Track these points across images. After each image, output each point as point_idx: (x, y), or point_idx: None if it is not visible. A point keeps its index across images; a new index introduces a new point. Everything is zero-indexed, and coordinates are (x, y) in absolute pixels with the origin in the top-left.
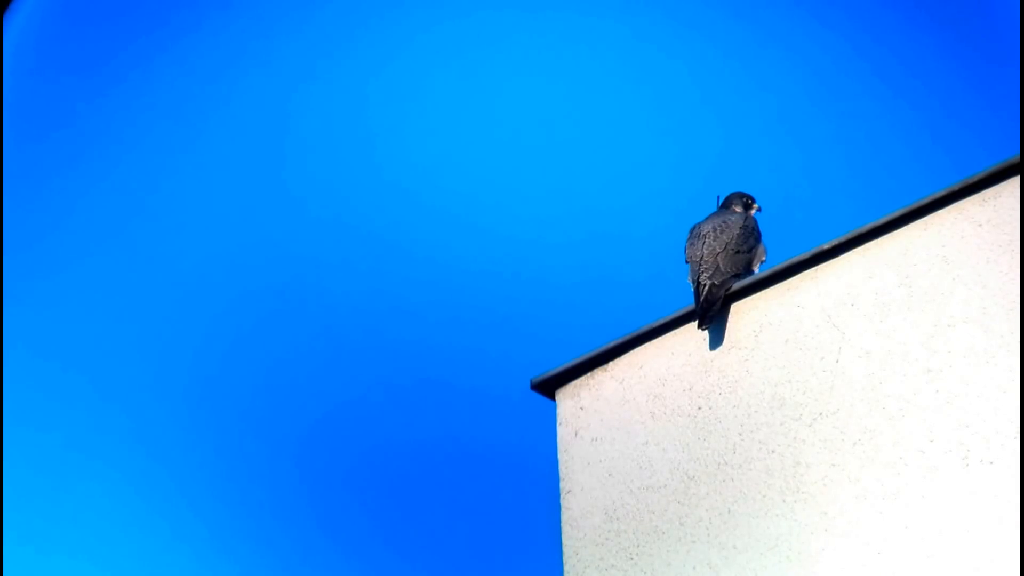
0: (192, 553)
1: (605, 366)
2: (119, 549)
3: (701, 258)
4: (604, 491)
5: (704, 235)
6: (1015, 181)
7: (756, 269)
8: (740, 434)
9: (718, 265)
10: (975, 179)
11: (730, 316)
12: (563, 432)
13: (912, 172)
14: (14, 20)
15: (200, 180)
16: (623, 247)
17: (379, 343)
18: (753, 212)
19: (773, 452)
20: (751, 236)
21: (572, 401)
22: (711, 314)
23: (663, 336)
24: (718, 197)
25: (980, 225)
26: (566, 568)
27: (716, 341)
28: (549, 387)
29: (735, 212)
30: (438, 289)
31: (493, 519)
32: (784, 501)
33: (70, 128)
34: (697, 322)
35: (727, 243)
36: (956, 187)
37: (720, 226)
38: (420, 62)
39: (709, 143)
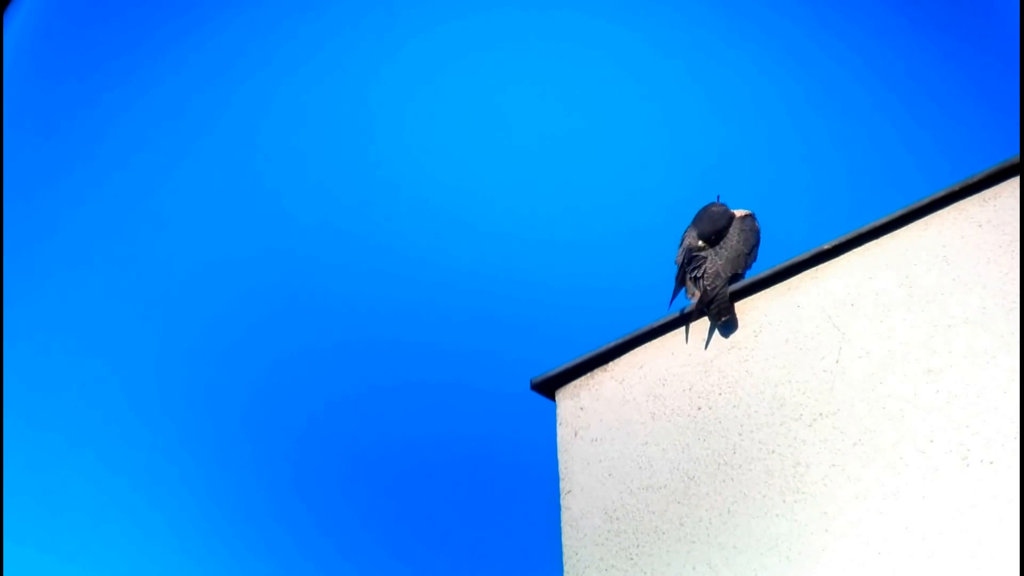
0: (191, 553)
1: (605, 366)
2: (117, 548)
3: (702, 259)
4: (604, 491)
5: (706, 238)
6: (1015, 181)
7: (743, 275)
8: (740, 434)
9: (718, 271)
10: (975, 179)
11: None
12: (563, 432)
13: (912, 172)
14: (14, 20)
15: (199, 181)
16: (623, 247)
17: (379, 344)
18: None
19: (773, 452)
20: (752, 237)
21: (572, 401)
22: (715, 308)
23: (663, 336)
24: (718, 196)
25: (980, 225)
26: (566, 568)
27: (716, 341)
28: (549, 387)
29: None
30: (438, 289)
31: (493, 519)
32: (784, 501)
33: (70, 128)
34: (696, 312)
35: (729, 245)
36: (956, 187)
37: (724, 231)
38: (419, 62)
39: (709, 143)
